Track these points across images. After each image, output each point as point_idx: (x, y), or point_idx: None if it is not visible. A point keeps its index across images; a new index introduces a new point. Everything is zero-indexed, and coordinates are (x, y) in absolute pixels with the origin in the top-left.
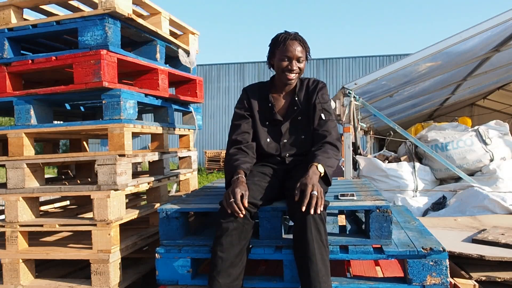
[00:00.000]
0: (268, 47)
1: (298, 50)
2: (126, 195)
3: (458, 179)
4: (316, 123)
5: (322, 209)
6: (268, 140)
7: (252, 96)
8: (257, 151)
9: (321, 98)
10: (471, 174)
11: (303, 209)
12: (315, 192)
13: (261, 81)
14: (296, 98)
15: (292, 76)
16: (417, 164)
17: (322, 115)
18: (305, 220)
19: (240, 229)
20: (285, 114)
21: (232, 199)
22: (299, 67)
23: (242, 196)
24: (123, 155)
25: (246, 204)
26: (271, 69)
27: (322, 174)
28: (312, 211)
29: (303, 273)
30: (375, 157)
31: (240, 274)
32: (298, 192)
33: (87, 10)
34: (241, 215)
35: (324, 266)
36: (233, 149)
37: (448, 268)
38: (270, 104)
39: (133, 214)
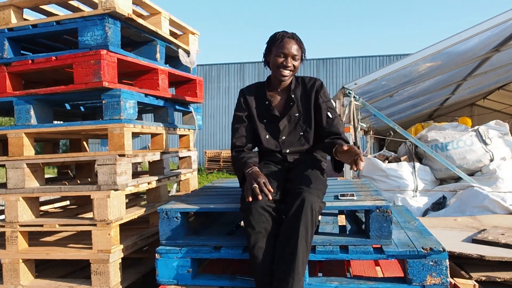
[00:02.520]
0: (266, 45)
1: (294, 48)
2: (126, 195)
3: (458, 179)
4: (325, 122)
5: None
6: (267, 136)
7: (249, 96)
8: (259, 147)
9: (324, 97)
10: (471, 174)
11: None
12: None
13: (258, 81)
14: (293, 96)
15: (286, 73)
16: (417, 164)
17: (329, 114)
18: (297, 221)
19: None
20: (282, 111)
21: (255, 185)
22: (293, 65)
23: (265, 183)
24: (123, 155)
25: (271, 189)
26: (267, 67)
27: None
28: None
29: (279, 266)
30: (375, 157)
31: None
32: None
33: (87, 10)
34: (270, 197)
35: (303, 266)
36: (235, 152)
37: (448, 268)
38: (267, 102)
39: (133, 214)
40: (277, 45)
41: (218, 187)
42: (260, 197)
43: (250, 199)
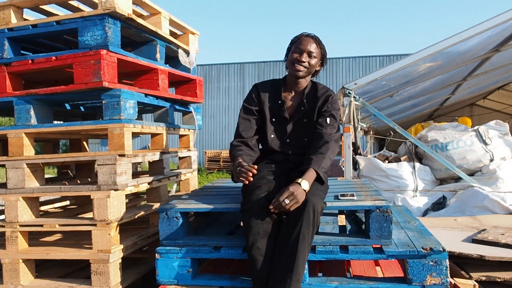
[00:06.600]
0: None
1: (311, 45)
2: (126, 195)
3: (458, 179)
4: (319, 123)
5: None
6: (272, 136)
7: (263, 92)
8: (263, 145)
9: (331, 107)
10: (471, 174)
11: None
12: (286, 201)
13: (274, 78)
14: (305, 100)
15: (301, 68)
16: (417, 164)
17: (328, 120)
18: (299, 222)
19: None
20: (292, 114)
21: (239, 168)
22: (309, 62)
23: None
24: (123, 155)
25: (254, 170)
26: (288, 69)
27: (308, 185)
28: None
29: (278, 265)
30: (375, 157)
31: None
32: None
33: (87, 10)
34: (254, 171)
35: (302, 266)
36: (237, 141)
37: (448, 268)
38: (280, 102)
39: (133, 214)
40: (295, 43)
41: (218, 187)
42: (250, 178)
43: (241, 178)
